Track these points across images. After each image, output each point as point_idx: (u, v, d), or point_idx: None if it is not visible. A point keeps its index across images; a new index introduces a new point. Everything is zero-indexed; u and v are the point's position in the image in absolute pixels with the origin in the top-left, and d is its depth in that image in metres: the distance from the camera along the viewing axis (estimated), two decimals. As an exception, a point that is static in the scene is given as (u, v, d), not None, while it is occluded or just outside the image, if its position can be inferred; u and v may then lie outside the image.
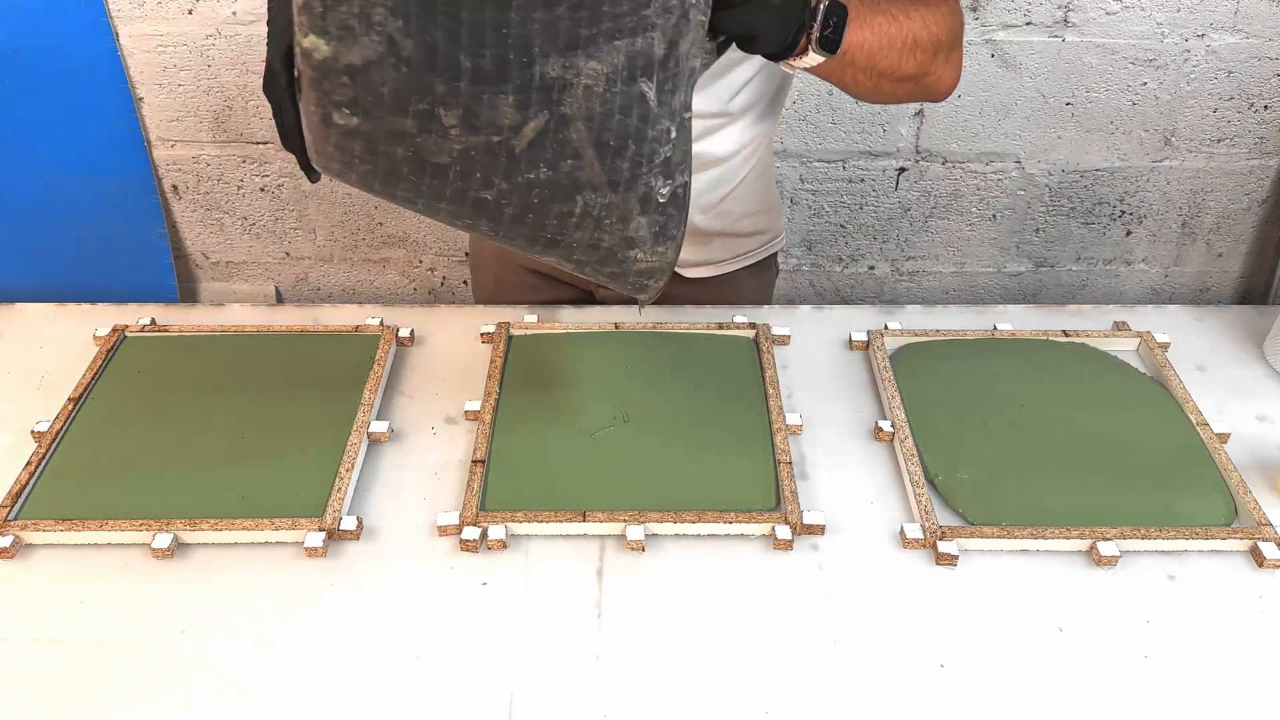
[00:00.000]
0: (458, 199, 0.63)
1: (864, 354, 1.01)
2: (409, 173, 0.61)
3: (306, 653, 0.73)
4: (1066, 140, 1.50)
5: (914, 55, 0.79)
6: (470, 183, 0.61)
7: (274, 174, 1.57)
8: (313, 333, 1.01)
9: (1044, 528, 0.80)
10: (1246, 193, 1.57)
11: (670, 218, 0.68)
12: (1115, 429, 0.91)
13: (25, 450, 0.88)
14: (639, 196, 0.65)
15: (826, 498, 0.85)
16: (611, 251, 0.68)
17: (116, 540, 0.80)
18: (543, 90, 0.58)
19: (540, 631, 0.74)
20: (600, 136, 0.61)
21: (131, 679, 0.71)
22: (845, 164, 1.53)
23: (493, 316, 1.04)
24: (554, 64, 0.57)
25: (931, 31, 0.79)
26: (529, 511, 0.81)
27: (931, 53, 0.80)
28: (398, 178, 0.61)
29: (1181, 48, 1.42)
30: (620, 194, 0.64)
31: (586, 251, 0.67)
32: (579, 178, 0.62)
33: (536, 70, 0.57)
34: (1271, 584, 0.78)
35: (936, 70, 0.82)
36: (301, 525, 0.80)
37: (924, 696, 0.71)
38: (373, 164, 0.61)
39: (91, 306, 1.06)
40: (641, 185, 0.65)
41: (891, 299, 1.69)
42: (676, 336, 1.01)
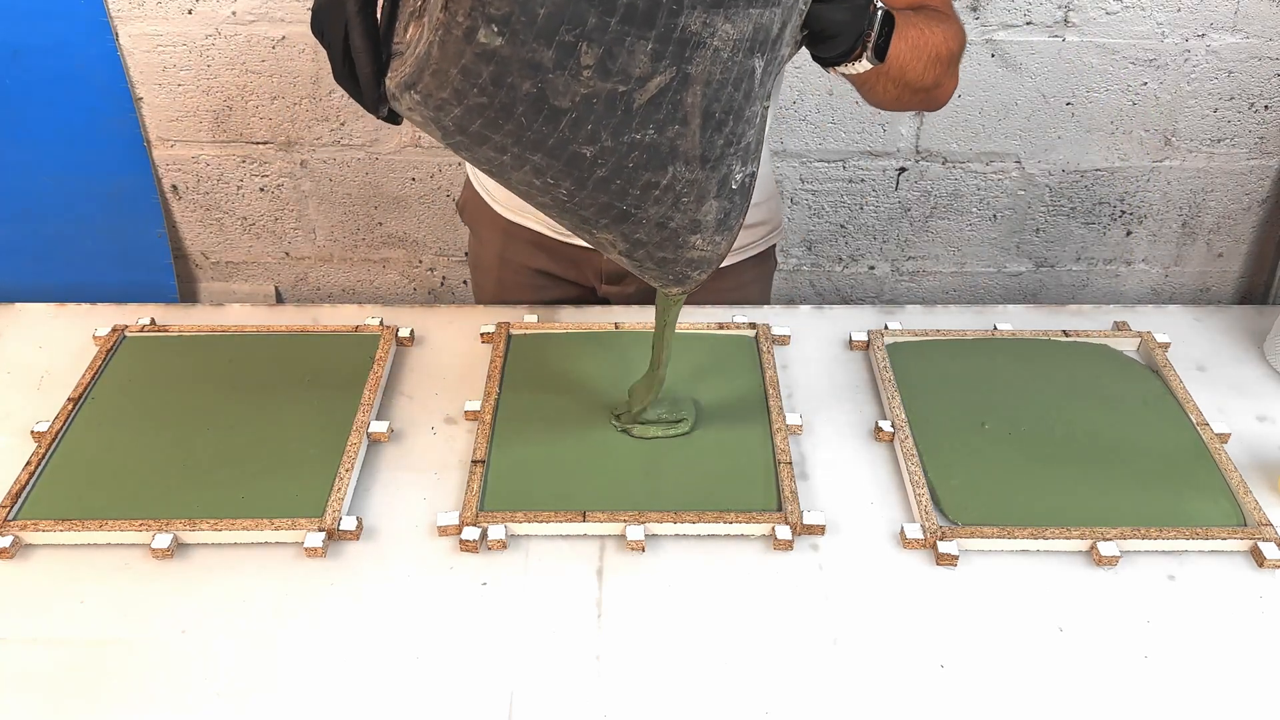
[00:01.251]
0: (557, 151, 0.60)
1: (864, 354, 1.01)
2: (522, 113, 0.58)
3: (306, 653, 0.73)
4: (1066, 140, 1.50)
5: (934, 68, 0.81)
6: (579, 134, 0.59)
7: (274, 174, 1.57)
8: (313, 333, 1.01)
9: (1044, 528, 0.80)
10: (1246, 193, 1.57)
11: (735, 206, 0.67)
12: (1115, 429, 0.91)
13: (25, 450, 0.88)
14: (719, 177, 0.64)
15: (826, 498, 0.85)
16: (675, 234, 0.67)
17: (116, 540, 0.80)
18: (680, 44, 0.57)
19: (540, 631, 0.74)
20: (710, 106, 0.60)
21: (131, 679, 0.71)
22: (845, 164, 1.53)
23: (493, 316, 1.04)
24: (697, 18, 0.56)
25: (949, 46, 0.81)
26: (529, 511, 0.81)
27: (947, 66, 0.82)
28: (508, 116, 0.58)
29: (1181, 48, 1.42)
30: (707, 171, 0.63)
31: (652, 230, 0.66)
32: (678, 146, 0.61)
33: (681, 21, 0.56)
34: (1271, 584, 0.78)
35: (945, 82, 0.84)
36: (301, 525, 0.80)
37: (924, 696, 0.71)
38: (490, 97, 0.57)
39: (91, 306, 1.06)
40: (724, 166, 0.64)
41: (891, 299, 1.69)
42: (677, 336, 1.00)
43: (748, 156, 0.65)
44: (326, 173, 1.57)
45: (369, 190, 1.59)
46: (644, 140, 0.60)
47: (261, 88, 1.48)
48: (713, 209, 0.66)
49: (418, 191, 1.59)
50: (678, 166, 0.62)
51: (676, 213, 0.65)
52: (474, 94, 0.57)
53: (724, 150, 0.63)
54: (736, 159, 0.65)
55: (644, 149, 0.61)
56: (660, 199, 0.64)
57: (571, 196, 0.64)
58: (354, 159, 1.55)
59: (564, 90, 0.57)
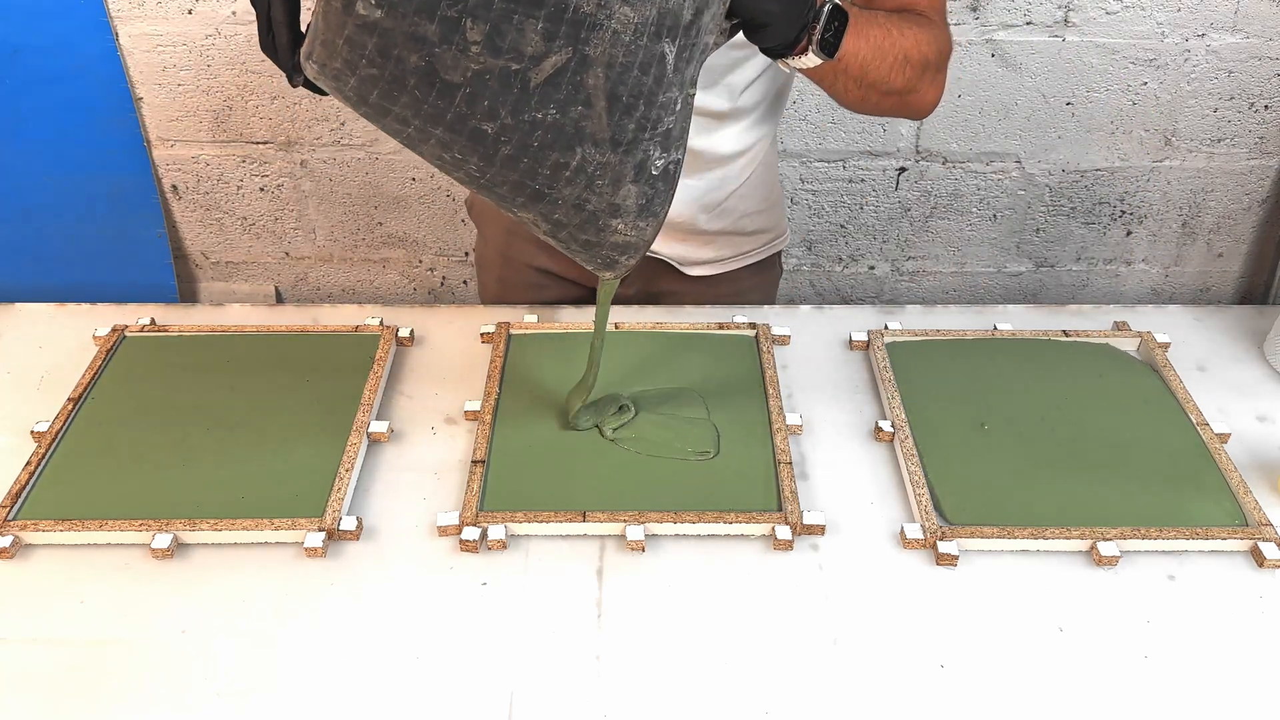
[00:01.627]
0: (457, 126, 0.61)
1: (864, 354, 1.01)
2: (415, 85, 0.59)
3: (306, 653, 0.73)
4: (1066, 140, 1.50)
5: (904, 71, 0.80)
6: (475, 109, 0.60)
7: (274, 174, 1.57)
8: (313, 333, 1.01)
9: (1044, 528, 0.80)
10: (1246, 193, 1.57)
11: (659, 193, 0.67)
12: (1115, 429, 0.91)
13: (25, 450, 0.88)
14: (635, 163, 0.64)
15: (826, 498, 0.85)
16: (595, 216, 0.67)
17: (116, 540, 0.80)
18: (574, 24, 0.57)
19: (540, 631, 0.74)
20: (615, 89, 0.60)
21: (131, 679, 0.71)
22: (845, 164, 1.53)
23: (493, 316, 1.04)
24: (590, 0, 0.57)
25: (922, 51, 0.81)
26: (529, 511, 0.81)
27: (920, 70, 0.81)
28: (401, 89, 0.59)
29: (1181, 48, 1.42)
30: (619, 155, 0.63)
31: (570, 211, 0.66)
32: (584, 128, 0.62)
33: (572, 1, 0.56)
34: (1271, 584, 0.78)
35: (922, 88, 0.83)
36: (301, 525, 0.80)
37: (924, 696, 0.71)
38: (380, 69, 0.58)
39: (91, 306, 1.06)
40: (640, 151, 0.64)
41: (891, 299, 1.69)
42: (676, 336, 1.01)
43: (669, 143, 0.65)
44: (326, 172, 1.57)
45: (369, 190, 1.59)
46: (546, 119, 0.61)
47: (261, 88, 1.48)
48: (632, 193, 0.66)
49: (418, 191, 1.59)
50: (586, 148, 0.63)
51: (592, 195, 0.65)
52: (363, 65, 0.58)
53: (637, 135, 0.63)
54: (654, 144, 0.64)
55: (547, 128, 0.61)
56: (573, 180, 0.64)
57: (483, 173, 0.64)
58: (354, 159, 1.55)
59: (453, 65, 0.58)
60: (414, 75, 0.58)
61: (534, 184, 0.64)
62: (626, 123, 0.62)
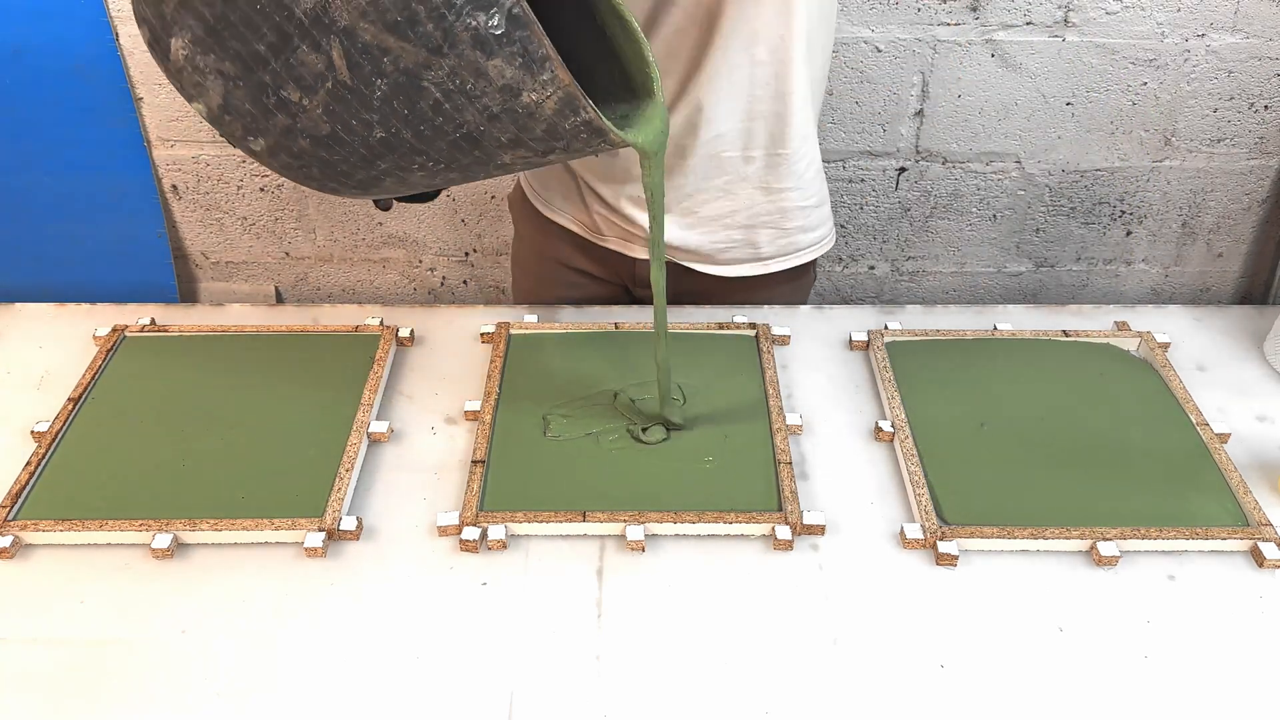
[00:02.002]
0: (359, 157, 0.66)
1: (864, 354, 1.01)
2: (314, 157, 0.67)
3: (306, 653, 0.73)
4: (1066, 140, 1.50)
5: None
6: (351, 133, 0.65)
7: (274, 174, 1.57)
8: (313, 333, 1.01)
9: (1044, 528, 0.80)
10: (1246, 193, 1.57)
11: (524, 40, 0.63)
12: (1115, 429, 0.91)
13: (25, 450, 0.88)
14: (470, 43, 0.62)
15: (826, 498, 0.85)
16: (511, 113, 0.65)
17: (116, 540, 0.80)
18: (315, 24, 0.60)
19: (540, 631, 0.74)
20: (387, 20, 0.61)
21: (131, 679, 0.71)
22: (845, 164, 1.53)
23: (493, 316, 1.04)
24: (304, 2, 0.60)
25: None
26: (529, 511, 0.81)
27: None
28: (317, 167, 0.67)
29: (1181, 48, 1.42)
30: (452, 54, 0.62)
31: (499, 128, 0.66)
32: (405, 66, 0.62)
33: (297, 12, 0.60)
34: (1271, 584, 0.78)
35: None
36: (301, 525, 0.80)
37: (924, 696, 0.71)
38: (293, 164, 0.68)
39: (91, 306, 1.06)
40: (463, 32, 0.61)
41: (891, 299, 1.69)
42: (676, 336, 1.01)
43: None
44: (326, 173, 1.56)
45: (369, 190, 1.59)
46: (384, 89, 0.63)
47: (261, 88, 1.48)
48: (502, 67, 0.63)
49: (418, 191, 1.59)
50: (427, 76, 0.63)
51: (483, 99, 0.64)
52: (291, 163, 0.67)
53: (443, 26, 0.61)
54: (471, 14, 0.61)
55: (392, 93, 0.63)
56: (457, 107, 0.64)
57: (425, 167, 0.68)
58: (354, 159, 1.55)
59: (312, 125, 0.65)
60: (307, 153, 0.67)
61: (450, 136, 0.66)
62: (424, 29, 0.61)
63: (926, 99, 1.46)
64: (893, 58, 1.42)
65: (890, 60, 1.43)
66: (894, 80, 1.44)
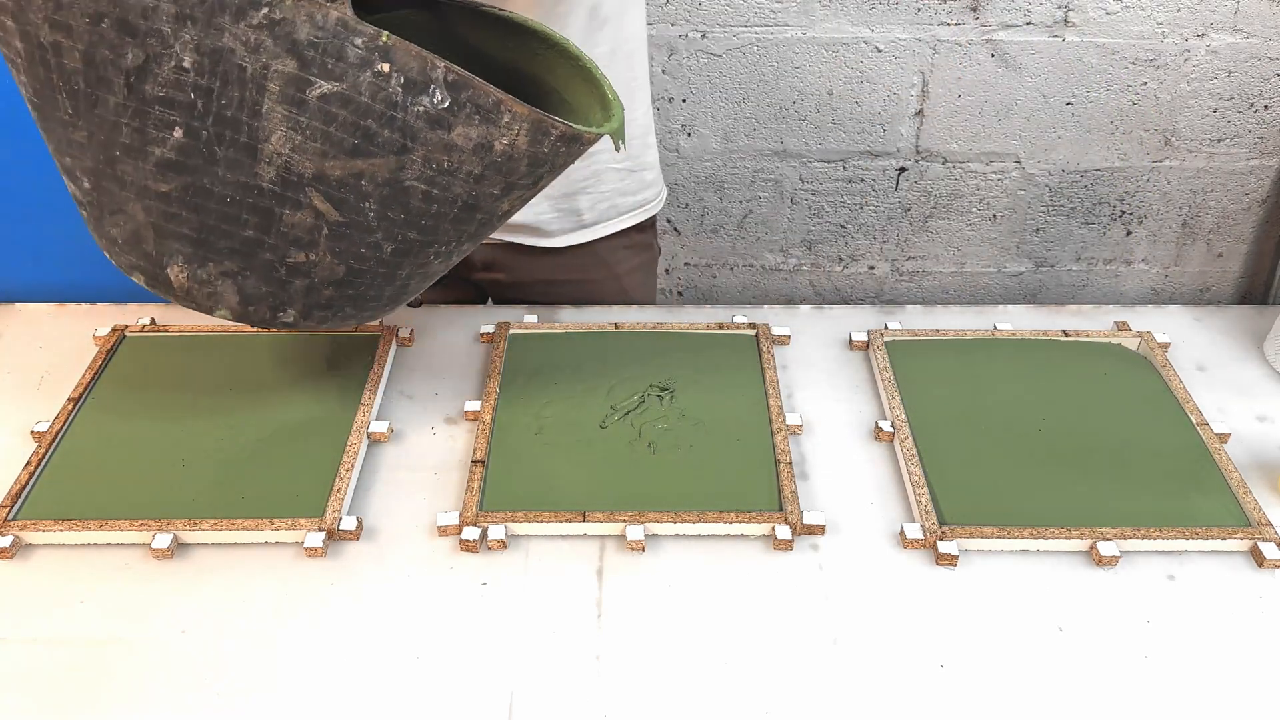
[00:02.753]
0: (381, 276, 0.70)
1: (864, 354, 1.01)
2: (343, 298, 0.71)
3: (306, 653, 0.73)
4: (1066, 140, 1.50)
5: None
6: (365, 261, 0.68)
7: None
8: (313, 333, 1.01)
9: (1044, 528, 0.80)
10: (1246, 193, 1.57)
11: (471, 98, 0.64)
12: (1115, 429, 0.91)
13: (25, 450, 0.88)
14: (427, 127, 0.64)
15: (826, 498, 0.85)
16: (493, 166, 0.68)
17: (116, 540, 0.80)
18: (286, 186, 0.63)
19: (540, 631, 0.74)
20: (346, 148, 0.63)
21: (131, 679, 0.71)
22: (845, 164, 1.53)
23: (493, 316, 1.04)
24: (265, 174, 0.63)
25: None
26: (529, 511, 0.81)
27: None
28: (350, 306, 0.73)
29: (1181, 48, 1.42)
30: (418, 146, 0.64)
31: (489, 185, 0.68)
32: (383, 178, 0.65)
33: (265, 185, 0.62)
34: (1271, 584, 0.78)
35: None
36: (301, 525, 0.80)
37: (924, 696, 0.71)
38: (329, 315, 0.74)
39: (91, 306, 1.06)
40: (417, 121, 0.63)
41: (891, 299, 1.69)
42: (676, 336, 1.01)
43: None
44: (326, 173, 1.57)
45: (369, 190, 1.59)
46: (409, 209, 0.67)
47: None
48: (465, 135, 0.66)
49: (418, 191, 1.59)
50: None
51: (456, 185, 0.67)
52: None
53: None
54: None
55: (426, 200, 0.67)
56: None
57: (440, 253, 0.73)
58: (354, 159, 1.55)
59: (353, 247, 0.69)
60: (374, 262, 0.70)
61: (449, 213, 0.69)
62: (378, 135, 0.64)
63: (926, 99, 1.46)
64: (893, 58, 1.42)
65: (890, 60, 1.43)
66: (894, 80, 1.44)
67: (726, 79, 1.44)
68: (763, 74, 1.44)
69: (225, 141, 0.61)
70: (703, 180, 1.54)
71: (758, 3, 1.38)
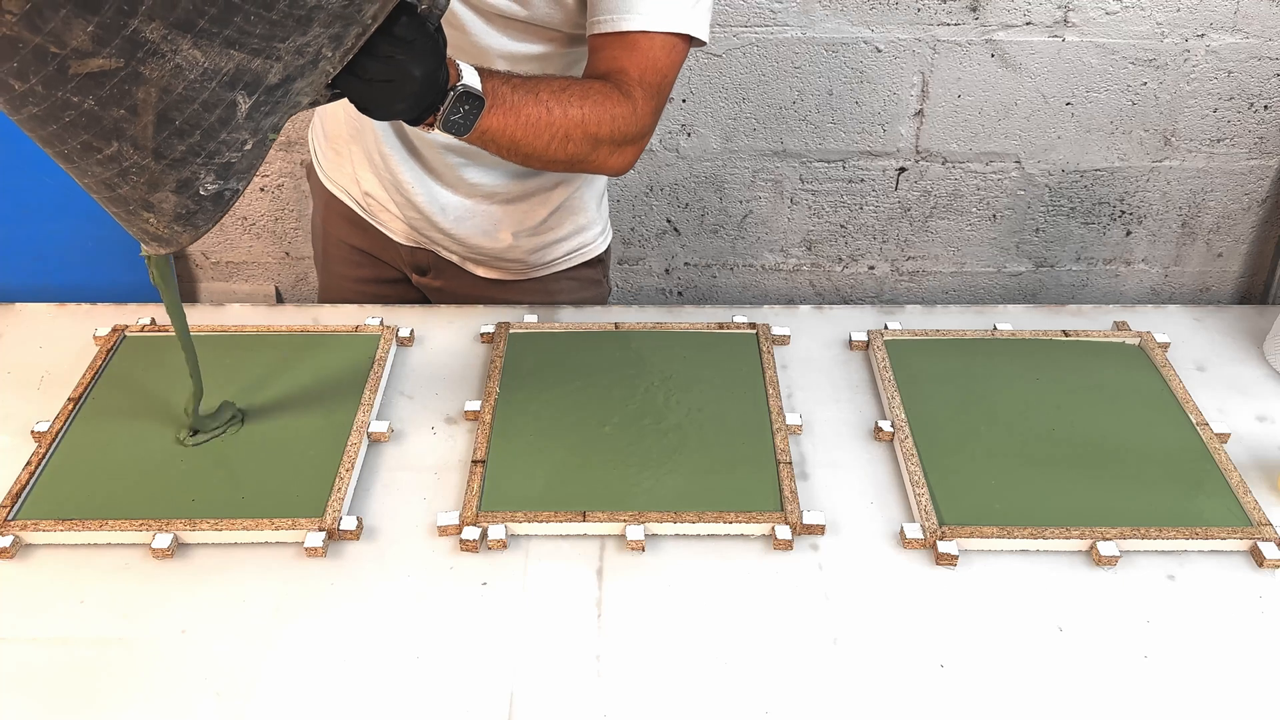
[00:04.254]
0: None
1: (864, 354, 1.01)
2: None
3: (306, 653, 0.73)
4: (1066, 140, 1.50)
5: (565, 146, 0.82)
6: (4, 64, 0.61)
7: (274, 174, 1.57)
8: (313, 333, 1.01)
9: (1044, 528, 0.80)
10: (1246, 193, 1.57)
11: (205, 211, 0.68)
12: (1115, 429, 0.91)
13: (25, 450, 0.88)
14: (179, 178, 0.66)
15: (826, 498, 0.85)
16: (125, 200, 0.68)
17: (116, 540, 0.80)
18: (130, 43, 0.59)
19: (540, 631, 0.74)
20: (168, 112, 0.62)
21: (131, 679, 0.71)
22: (845, 164, 1.53)
23: (493, 316, 1.04)
24: (155, 29, 0.58)
25: (590, 130, 0.82)
26: (529, 511, 0.81)
27: (588, 145, 0.83)
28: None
29: (1181, 48, 1.42)
30: (161, 165, 0.65)
31: (99, 185, 0.68)
32: (124, 129, 0.63)
33: (134, 24, 0.58)
34: (1271, 584, 0.78)
35: (597, 159, 0.85)
36: (301, 525, 0.80)
37: (924, 696, 0.71)
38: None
39: (91, 306, 1.06)
40: (187, 170, 0.65)
41: (891, 299, 1.69)
42: (676, 336, 1.01)
43: (227, 173, 0.67)
44: (326, 173, 1.57)
45: (369, 190, 1.59)
46: (83, 106, 0.62)
47: (261, 88, 1.47)
48: (170, 200, 0.67)
49: (418, 191, 1.59)
50: (124, 146, 0.64)
51: (126, 185, 0.67)
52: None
53: (187, 156, 0.65)
54: (208, 170, 0.66)
55: (83, 113, 0.62)
56: (104, 164, 0.66)
57: (10, 113, 0.65)
58: (354, 159, 1.55)
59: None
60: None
61: (61, 148, 0.66)
62: (175, 143, 0.64)
63: (926, 99, 1.46)
64: (893, 58, 1.42)
65: (890, 60, 1.43)
66: (894, 80, 1.44)
67: (726, 79, 1.44)
68: (763, 74, 1.44)
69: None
70: (703, 180, 1.54)
71: (758, 3, 1.38)
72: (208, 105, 0.62)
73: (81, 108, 0.62)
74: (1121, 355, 1.00)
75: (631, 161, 0.88)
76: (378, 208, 1.07)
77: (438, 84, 0.72)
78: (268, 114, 0.65)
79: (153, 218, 0.69)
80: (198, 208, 0.68)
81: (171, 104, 0.62)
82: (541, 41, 0.91)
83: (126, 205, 0.69)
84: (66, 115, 0.62)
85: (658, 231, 1.60)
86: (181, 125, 0.63)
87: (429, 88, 0.71)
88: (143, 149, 0.64)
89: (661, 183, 1.55)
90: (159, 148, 0.64)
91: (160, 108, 0.62)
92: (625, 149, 0.86)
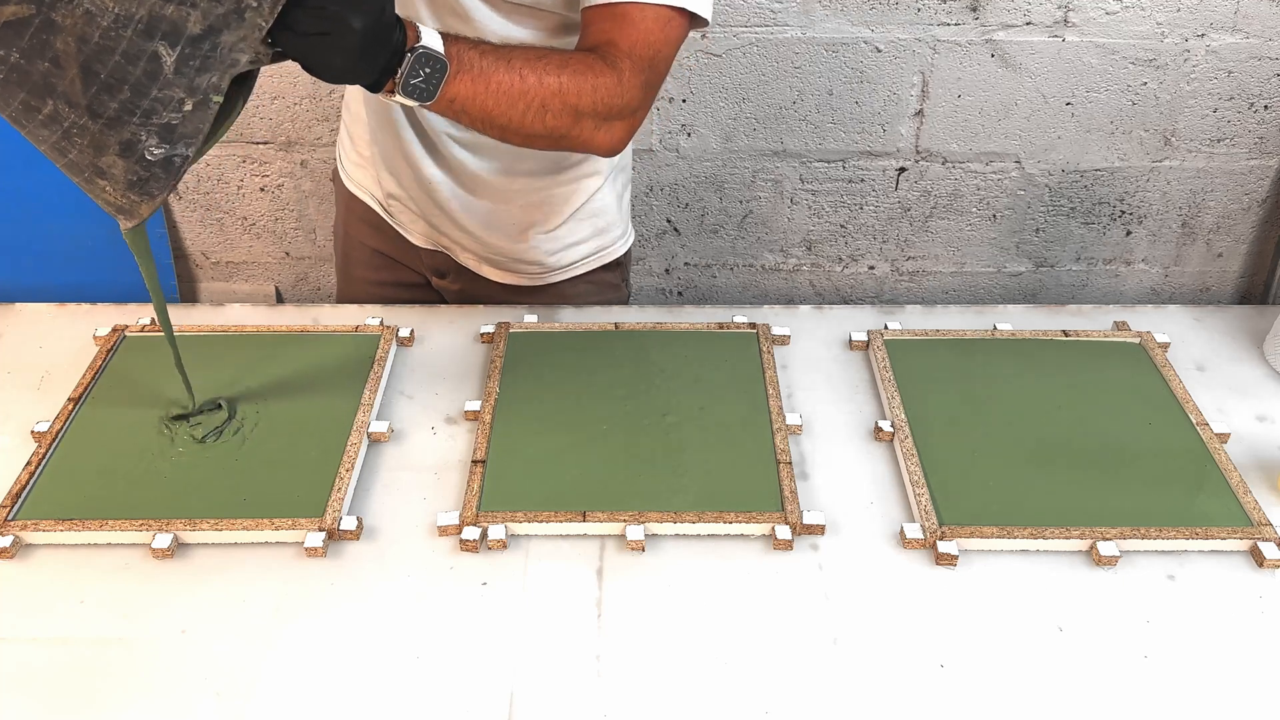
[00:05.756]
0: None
1: (864, 354, 1.01)
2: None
3: (306, 653, 0.73)
4: (1066, 140, 1.50)
5: (543, 118, 0.77)
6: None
7: (274, 174, 1.57)
8: (313, 333, 1.01)
9: (1044, 528, 0.80)
10: (1246, 193, 1.57)
11: (156, 178, 0.68)
12: (1115, 429, 0.91)
13: (25, 450, 0.88)
14: (120, 139, 0.66)
15: (826, 498, 0.85)
16: (78, 167, 0.69)
17: (116, 540, 0.80)
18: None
19: (540, 631, 0.74)
20: (90, 64, 0.63)
21: (131, 679, 0.71)
22: (845, 164, 1.53)
23: (493, 316, 1.04)
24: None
25: (569, 100, 0.77)
26: (529, 511, 0.81)
27: (569, 118, 0.78)
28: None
29: (1181, 48, 1.42)
30: (98, 125, 0.66)
31: (52, 151, 0.69)
32: (54, 84, 0.64)
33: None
34: (1271, 584, 0.78)
35: (581, 134, 0.80)
36: (301, 525, 0.80)
37: (924, 696, 0.71)
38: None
39: (91, 306, 1.06)
40: (126, 131, 0.66)
41: (891, 299, 1.69)
42: (676, 336, 1.01)
43: (171, 136, 0.67)
44: (326, 172, 1.57)
45: (369, 190, 1.59)
46: (10, 59, 0.63)
47: (261, 88, 1.48)
48: (119, 164, 0.68)
49: (418, 191, 1.59)
50: (59, 104, 0.65)
51: (73, 148, 0.68)
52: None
53: (121, 114, 0.65)
54: (148, 132, 0.66)
55: (12, 67, 0.64)
56: (47, 124, 0.67)
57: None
58: (354, 159, 1.55)
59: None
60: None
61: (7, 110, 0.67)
62: (106, 99, 0.64)
63: (926, 99, 1.46)
64: (893, 58, 1.42)
65: (890, 60, 1.43)
66: (894, 80, 1.44)
67: (726, 79, 1.44)
68: (763, 74, 1.44)
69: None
70: (703, 180, 1.54)
71: (758, 3, 1.38)
72: (129, 56, 0.63)
73: (9, 61, 0.63)
74: (1121, 355, 1.00)
75: (622, 139, 0.83)
76: (398, 208, 1.07)
77: (389, 43, 0.68)
78: (199, 70, 0.64)
79: (108, 185, 0.69)
80: (149, 174, 0.68)
81: (91, 54, 0.63)
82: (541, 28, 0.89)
83: (81, 173, 0.69)
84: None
85: (658, 231, 1.60)
86: (108, 79, 0.64)
87: (374, 43, 0.67)
88: (76, 106, 0.65)
89: (661, 183, 1.55)
90: (91, 104, 0.65)
91: (82, 59, 0.63)
92: (613, 124, 0.81)
